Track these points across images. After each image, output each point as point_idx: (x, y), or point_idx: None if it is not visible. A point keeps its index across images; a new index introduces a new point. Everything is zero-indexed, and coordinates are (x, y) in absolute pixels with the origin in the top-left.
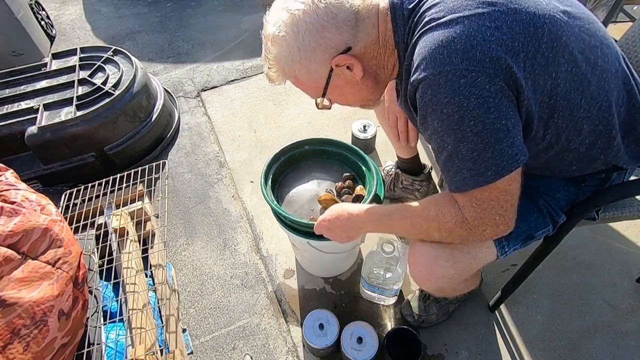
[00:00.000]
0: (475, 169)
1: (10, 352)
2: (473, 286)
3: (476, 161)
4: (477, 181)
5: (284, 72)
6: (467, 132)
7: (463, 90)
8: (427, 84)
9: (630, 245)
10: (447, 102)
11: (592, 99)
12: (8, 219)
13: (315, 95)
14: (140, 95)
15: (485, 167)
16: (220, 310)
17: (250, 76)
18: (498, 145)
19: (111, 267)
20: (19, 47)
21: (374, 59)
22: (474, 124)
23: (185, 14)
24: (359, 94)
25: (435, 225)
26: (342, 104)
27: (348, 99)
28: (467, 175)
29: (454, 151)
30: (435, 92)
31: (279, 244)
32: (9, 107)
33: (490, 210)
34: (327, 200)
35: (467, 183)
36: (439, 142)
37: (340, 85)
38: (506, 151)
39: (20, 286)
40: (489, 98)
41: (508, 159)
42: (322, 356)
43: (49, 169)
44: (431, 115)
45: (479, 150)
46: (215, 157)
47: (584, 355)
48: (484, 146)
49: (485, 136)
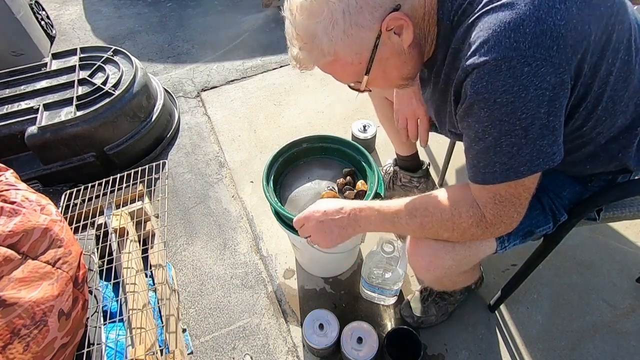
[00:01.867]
0: (510, 163)
1: (10, 352)
2: (471, 280)
3: (513, 156)
4: (508, 176)
5: (321, 49)
6: (516, 125)
7: (524, 80)
8: (486, 69)
9: (630, 245)
10: (504, 90)
11: (633, 93)
12: (8, 219)
13: (355, 76)
14: (140, 95)
15: (520, 163)
16: (220, 310)
17: (250, 76)
18: (539, 142)
19: (111, 267)
20: (19, 47)
21: (419, 25)
22: (524, 117)
23: (185, 14)
24: (403, 68)
25: (449, 225)
26: (380, 86)
27: (389, 76)
28: (499, 169)
29: (493, 143)
30: (493, 79)
31: (279, 244)
32: (9, 107)
33: (510, 207)
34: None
35: (496, 177)
36: (478, 132)
37: (386, 58)
38: (545, 148)
39: (20, 286)
40: (547, 91)
41: (544, 157)
42: (322, 356)
43: (49, 169)
44: (481, 103)
45: (520, 145)
46: (215, 157)
47: (584, 355)
48: (527, 141)
49: (532, 131)
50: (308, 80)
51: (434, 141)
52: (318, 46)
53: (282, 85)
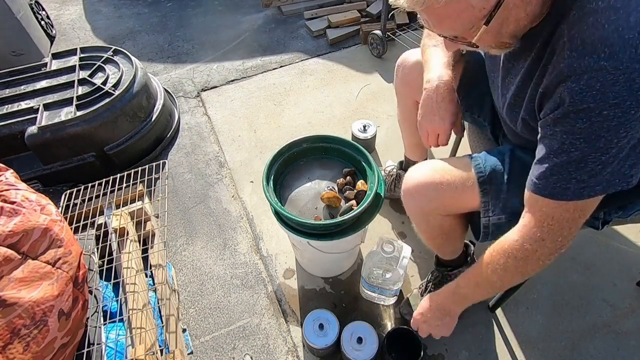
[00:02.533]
0: (587, 182)
1: (10, 352)
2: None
3: (594, 175)
4: (580, 194)
5: None
6: (613, 143)
7: (639, 96)
8: (599, 76)
9: (630, 245)
10: (615, 103)
11: None
12: (8, 219)
13: (469, 24)
14: (140, 95)
15: (597, 182)
16: (220, 310)
17: (250, 76)
18: (624, 162)
19: (111, 267)
20: (19, 47)
21: None
22: (624, 136)
23: (185, 14)
24: (520, 22)
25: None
26: (486, 41)
27: (504, 31)
28: (573, 187)
29: (579, 159)
30: (606, 89)
31: (279, 244)
32: (9, 107)
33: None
34: (330, 198)
35: (568, 193)
36: (564, 144)
37: (512, 6)
38: (625, 170)
39: (20, 286)
40: None
41: (622, 178)
42: (322, 356)
43: (49, 169)
44: (581, 113)
45: (606, 165)
46: (215, 157)
47: (584, 355)
48: (615, 160)
49: (622, 150)
50: (308, 80)
51: None
52: None
53: (282, 85)
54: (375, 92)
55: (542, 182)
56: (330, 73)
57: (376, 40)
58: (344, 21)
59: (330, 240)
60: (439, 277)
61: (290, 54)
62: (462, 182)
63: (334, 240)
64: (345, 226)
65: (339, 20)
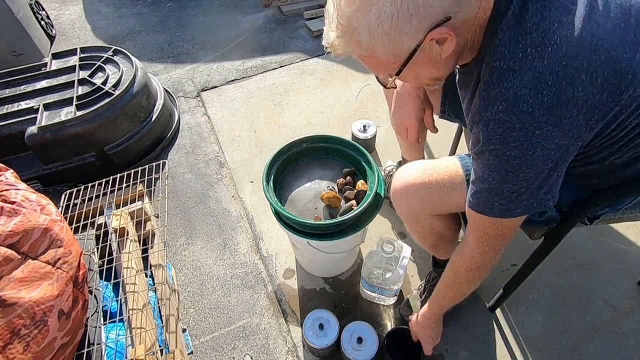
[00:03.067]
0: (507, 205)
1: (10, 352)
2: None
3: (512, 200)
4: (503, 214)
5: (359, 42)
6: (519, 176)
7: (533, 140)
8: (500, 124)
9: (630, 245)
10: (514, 146)
11: None
12: (8, 219)
13: (386, 72)
14: (140, 95)
15: (517, 206)
16: (220, 310)
17: (250, 76)
18: (538, 191)
19: (111, 267)
20: (19, 47)
21: (463, 36)
22: (528, 172)
23: (185, 14)
24: (434, 73)
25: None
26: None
27: (419, 77)
28: (497, 207)
29: (496, 187)
30: (506, 135)
31: (279, 244)
32: (9, 107)
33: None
34: (330, 198)
35: (494, 211)
36: (485, 173)
37: (421, 63)
38: (542, 196)
39: (20, 286)
40: (553, 151)
41: (539, 202)
42: (322, 356)
43: (49, 169)
44: (492, 152)
45: (520, 193)
46: (215, 157)
47: (584, 355)
48: (526, 190)
49: (532, 182)
50: (308, 80)
51: (437, 142)
52: (356, 39)
53: (282, 85)
54: (375, 92)
55: (474, 200)
56: (330, 73)
57: None
58: None
59: (330, 240)
60: (437, 277)
61: (290, 54)
62: (450, 181)
63: (334, 240)
64: (345, 226)
65: None
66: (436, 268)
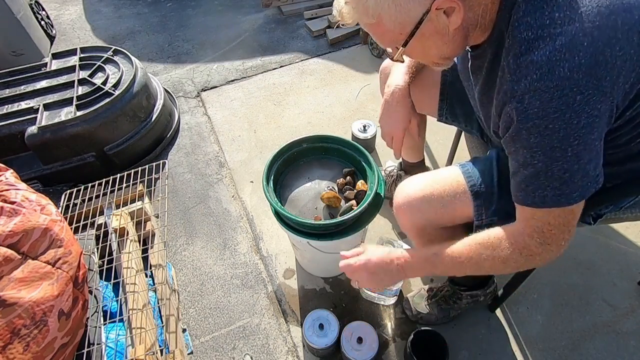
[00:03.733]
0: (562, 189)
1: (10, 352)
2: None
3: (565, 182)
4: (560, 202)
5: (366, 8)
6: (568, 151)
7: (576, 107)
8: (537, 95)
9: (630, 245)
10: (556, 117)
11: None
12: (8, 219)
13: (393, 43)
14: (140, 95)
15: (573, 189)
16: (220, 310)
17: (250, 76)
18: (588, 167)
19: (111, 267)
20: (19, 47)
21: (472, 10)
22: (577, 144)
23: (185, 14)
24: (442, 49)
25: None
26: (415, 58)
27: (427, 53)
28: (550, 194)
29: (544, 169)
30: (545, 106)
31: (279, 244)
32: (9, 107)
33: (559, 235)
34: (330, 198)
35: (547, 201)
36: (527, 157)
37: (428, 35)
38: (592, 172)
39: (20, 286)
40: (597, 118)
41: (592, 181)
42: (322, 356)
43: (49, 169)
44: (531, 129)
45: (572, 172)
46: (215, 157)
47: (584, 355)
48: (579, 167)
49: (582, 156)
50: (308, 80)
51: (437, 142)
52: (364, 6)
53: (282, 85)
54: (375, 92)
55: (522, 194)
56: (330, 73)
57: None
58: None
59: (330, 240)
60: (450, 292)
61: (290, 54)
62: (453, 192)
63: (334, 240)
64: (345, 226)
65: None
66: (452, 285)
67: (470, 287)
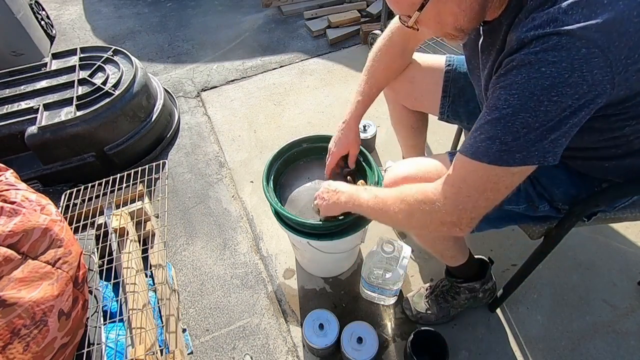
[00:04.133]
0: (509, 145)
1: (10, 352)
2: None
3: (517, 139)
4: (501, 158)
5: None
6: (542, 104)
7: (575, 60)
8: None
9: (630, 245)
10: (552, 62)
11: None
12: (8, 219)
13: (410, 7)
14: (140, 95)
15: (518, 149)
16: (220, 310)
17: (250, 76)
18: (547, 135)
19: (111, 267)
20: (19, 47)
21: None
22: (555, 100)
23: (185, 14)
24: (459, 17)
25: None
26: (430, 28)
27: (443, 21)
28: (495, 148)
29: (507, 116)
30: (547, 48)
31: (279, 244)
32: (9, 107)
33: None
34: None
35: (488, 154)
36: (500, 100)
37: (445, 1)
38: (546, 144)
39: (20, 286)
40: (586, 86)
41: (541, 152)
42: (322, 356)
43: (49, 169)
44: (523, 68)
45: (530, 129)
46: (215, 157)
47: (584, 355)
48: (539, 128)
49: (549, 119)
50: (308, 80)
51: (437, 142)
52: None
53: (282, 85)
54: None
55: (469, 142)
56: (330, 73)
57: (376, 40)
58: (344, 21)
59: (330, 240)
60: (447, 285)
61: (290, 54)
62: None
63: (334, 240)
64: (345, 226)
65: (339, 20)
66: (449, 277)
67: (466, 279)
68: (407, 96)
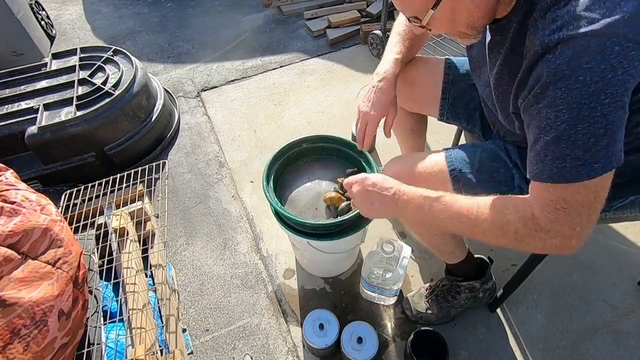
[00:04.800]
0: (583, 158)
1: (10, 352)
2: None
3: (588, 150)
4: (579, 174)
5: None
6: (597, 110)
7: (613, 60)
8: (571, 44)
9: (630, 245)
10: (588, 68)
11: None
12: (8, 219)
13: (422, 7)
14: (140, 95)
15: (594, 159)
16: (220, 310)
17: (250, 76)
18: (615, 136)
19: (111, 267)
20: (19, 47)
21: None
22: (607, 103)
23: (185, 14)
24: (473, 13)
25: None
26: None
27: (457, 18)
28: (569, 165)
29: (566, 132)
30: (578, 55)
31: (279, 244)
32: (9, 107)
33: (574, 217)
34: (333, 199)
35: (564, 174)
36: (549, 119)
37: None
38: (616, 145)
39: (20, 286)
40: (632, 77)
41: (616, 154)
42: (322, 356)
43: (49, 169)
44: (559, 82)
45: (598, 137)
46: (215, 157)
47: (584, 355)
48: (605, 132)
49: (610, 120)
50: (308, 80)
51: (437, 142)
52: None
53: (282, 85)
54: None
55: (538, 167)
56: (330, 73)
57: (376, 40)
58: (344, 21)
59: (330, 240)
60: (448, 285)
61: (290, 54)
62: (434, 173)
63: (334, 240)
64: (345, 226)
65: (339, 20)
66: (449, 276)
67: (466, 277)
68: (406, 99)
